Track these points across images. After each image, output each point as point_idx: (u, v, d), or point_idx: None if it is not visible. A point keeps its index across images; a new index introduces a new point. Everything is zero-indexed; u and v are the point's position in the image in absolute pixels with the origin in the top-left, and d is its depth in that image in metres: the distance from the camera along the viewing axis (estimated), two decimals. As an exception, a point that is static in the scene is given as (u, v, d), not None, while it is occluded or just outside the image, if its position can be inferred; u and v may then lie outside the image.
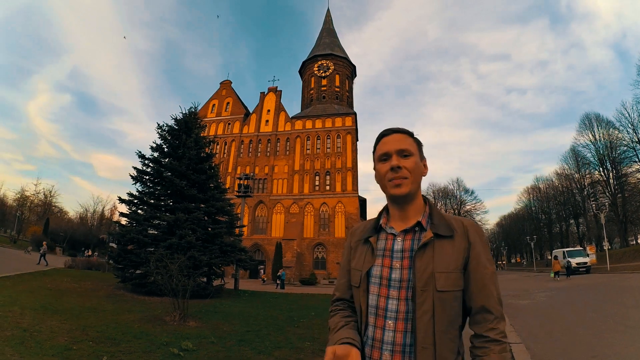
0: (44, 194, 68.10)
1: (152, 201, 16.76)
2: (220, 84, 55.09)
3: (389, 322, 1.20)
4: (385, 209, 1.40)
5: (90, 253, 44.60)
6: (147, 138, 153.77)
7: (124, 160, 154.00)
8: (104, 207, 72.78)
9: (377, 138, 1.39)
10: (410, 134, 1.37)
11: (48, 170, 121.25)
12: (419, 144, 1.38)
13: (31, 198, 66.56)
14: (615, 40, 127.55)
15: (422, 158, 1.37)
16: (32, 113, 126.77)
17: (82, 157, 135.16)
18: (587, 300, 13.13)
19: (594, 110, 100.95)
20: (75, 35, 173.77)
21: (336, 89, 51.02)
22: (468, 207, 62.53)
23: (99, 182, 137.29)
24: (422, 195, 1.37)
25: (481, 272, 1.22)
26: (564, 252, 32.18)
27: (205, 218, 16.80)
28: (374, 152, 1.39)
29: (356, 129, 47.71)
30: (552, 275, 27.23)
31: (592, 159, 48.67)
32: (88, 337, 6.85)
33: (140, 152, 16.93)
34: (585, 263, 29.11)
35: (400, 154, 1.30)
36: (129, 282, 14.94)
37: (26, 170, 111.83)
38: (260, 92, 52.40)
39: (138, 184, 17.07)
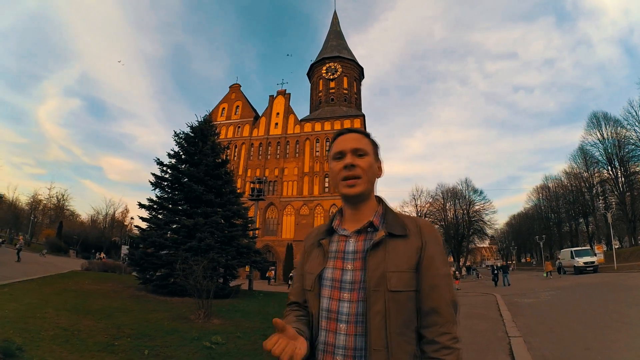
0: (57, 198, 69.10)
1: (170, 206, 17.33)
2: (230, 87, 55.92)
3: (341, 325, 1.16)
4: (340, 211, 1.39)
5: (102, 255, 45.35)
6: (156, 141, 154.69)
7: (134, 163, 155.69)
8: (115, 210, 73.62)
9: (332, 137, 1.37)
10: (367, 135, 1.37)
11: (58, 173, 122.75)
12: (375, 146, 1.37)
13: (44, 202, 67.58)
14: (622, 36, 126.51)
15: (378, 160, 1.36)
16: (42, 118, 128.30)
17: (92, 161, 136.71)
18: (589, 298, 13.39)
19: (601, 108, 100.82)
20: (84, 40, 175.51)
21: (344, 91, 51.26)
22: (477, 207, 61.76)
23: (108, 184, 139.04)
24: (376, 196, 1.36)
25: (433, 272, 1.18)
26: (571, 251, 32.17)
27: (222, 221, 17.31)
28: (329, 151, 1.39)
29: (364, 131, 47.91)
30: (545, 274, 28.96)
31: (600, 157, 48.51)
32: (125, 334, 7.39)
33: (158, 159, 17.54)
34: (593, 262, 29.19)
35: (355, 152, 1.29)
36: (149, 283, 15.41)
37: (37, 174, 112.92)
38: (270, 95, 53.18)
39: (157, 190, 17.69)
